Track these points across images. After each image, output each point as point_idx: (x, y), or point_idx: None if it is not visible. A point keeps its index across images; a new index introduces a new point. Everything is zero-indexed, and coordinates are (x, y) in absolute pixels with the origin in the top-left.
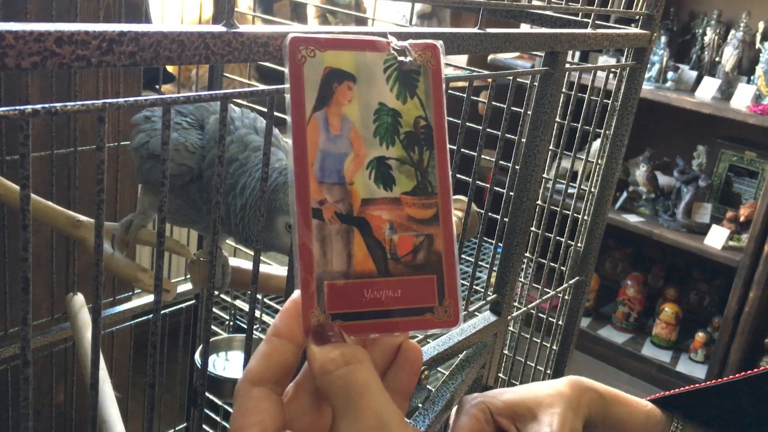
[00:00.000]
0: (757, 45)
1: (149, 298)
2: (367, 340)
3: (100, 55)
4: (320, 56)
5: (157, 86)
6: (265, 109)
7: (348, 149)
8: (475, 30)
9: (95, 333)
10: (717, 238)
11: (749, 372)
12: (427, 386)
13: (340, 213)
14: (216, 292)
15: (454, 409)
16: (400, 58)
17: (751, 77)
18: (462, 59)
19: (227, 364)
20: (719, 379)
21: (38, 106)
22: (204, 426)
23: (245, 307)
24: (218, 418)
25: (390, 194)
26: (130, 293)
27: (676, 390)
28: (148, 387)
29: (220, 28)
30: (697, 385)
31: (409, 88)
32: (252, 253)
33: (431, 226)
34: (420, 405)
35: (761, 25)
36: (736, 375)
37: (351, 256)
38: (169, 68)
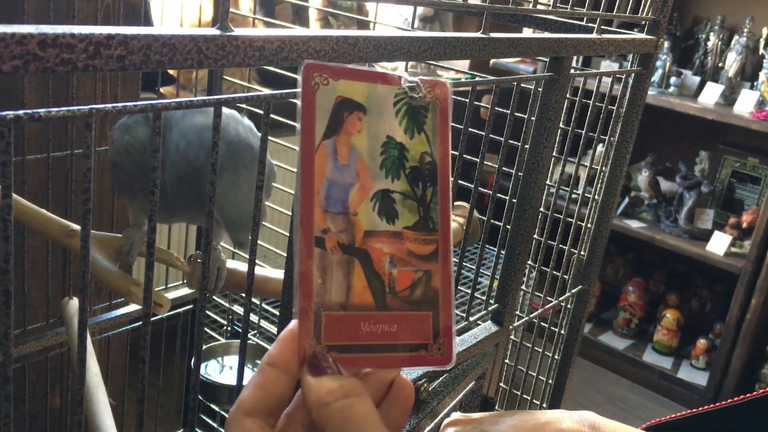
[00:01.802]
0: (761, 51)
1: None
2: (359, 373)
3: (86, 59)
4: (333, 85)
5: (157, 88)
6: (262, 112)
7: (354, 180)
8: (479, 35)
9: (81, 346)
10: (719, 244)
11: (750, 395)
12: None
13: (342, 243)
14: (210, 294)
15: (448, 431)
16: (411, 94)
17: (755, 83)
18: (464, 63)
19: (224, 370)
20: (719, 403)
21: (20, 112)
22: None
23: (241, 310)
24: (215, 425)
25: (392, 227)
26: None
27: (677, 414)
28: (138, 402)
29: (213, 31)
30: (697, 409)
31: (417, 123)
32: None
33: (430, 262)
34: None
35: (765, 31)
36: (735, 399)
37: (350, 287)
38: (170, 70)
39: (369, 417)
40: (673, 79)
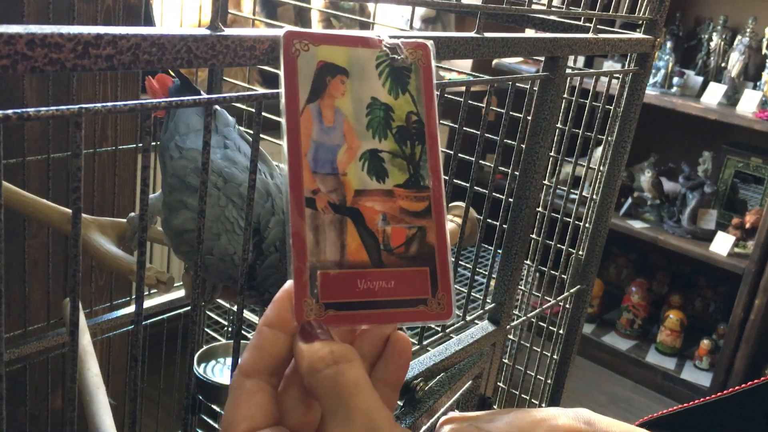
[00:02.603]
0: (764, 51)
1: (149, 302)
2: (356, 331)
3: (74, 59)
4: (314, 50)
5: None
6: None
7: (341, 141)
8: (472, 34)
9: (73, 344)
10: (722, 244)
11: (739, 387)
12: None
13: (333, 203)
14: (205, 305)
15: (444, 429)
16: (392, 55)
17: (758, 83)
18: (467, 64)
19: (225, 371)
20: (710, 396)
21: (9, 112)
22: None
23: (246, 312)
24: (216, 425)
25: (383, 186)
26: (128, 297)
27: (669, 410)
28: (130, 401)
29: (204, 31)
30: (689, 403)
31: (401, 84)
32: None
33: (424, 218)
34: (401, 406)
35: (767, 31)
36: (725, 391)
37: (344, 246)
38: (171, 72)
39: (359, 383)
40: (675, 80)
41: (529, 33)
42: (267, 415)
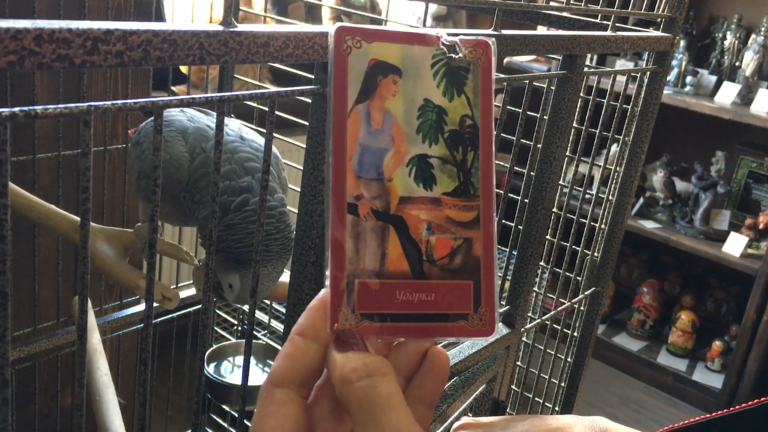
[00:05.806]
0: None
1: None
2: (392, 344)
3: (83, 55)
4: (366, 47)
5: (169, 86)
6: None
7: (389, 145)
8: (490, 32)
9: (80, 348)
10: (735, 245)
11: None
12: None
13: (376, 210)
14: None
15: None
16: (450, 54)
17: None
18: None
19: (235, 370)
20: (734, 408)
21: (17, 109)
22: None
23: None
24: (225, 424)
25: (430, 194)
26: (138, 296)
27: (689, 421)
28: (140, 407)
29: (216, 27)
30: (709, 415)
31: (457, 85)
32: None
33: (471, 229)
34: None
35: None
36: (751, 402)
37: (385, 255)
38: (183, 69)
39: (392, 398)
40: (689, 79)
41: (541, 30)
42: (296, 426)
